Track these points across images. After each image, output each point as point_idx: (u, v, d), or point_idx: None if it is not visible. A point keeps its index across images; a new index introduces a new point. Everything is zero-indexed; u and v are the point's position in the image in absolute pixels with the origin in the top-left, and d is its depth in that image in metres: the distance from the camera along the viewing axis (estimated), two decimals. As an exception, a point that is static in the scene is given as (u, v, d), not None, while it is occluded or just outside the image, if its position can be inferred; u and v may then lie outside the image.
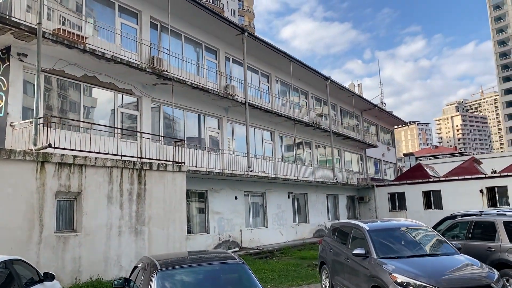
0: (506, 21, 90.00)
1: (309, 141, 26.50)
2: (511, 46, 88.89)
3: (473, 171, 31.25)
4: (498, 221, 8.43)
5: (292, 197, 23.44)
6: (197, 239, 16.67)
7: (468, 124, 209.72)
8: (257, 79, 22.57)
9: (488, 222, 8.75)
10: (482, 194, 27.08)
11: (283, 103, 24.17)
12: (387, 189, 30.63)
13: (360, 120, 33.61)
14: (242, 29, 18.96)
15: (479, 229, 8.90)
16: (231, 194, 18.88)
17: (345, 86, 28.66)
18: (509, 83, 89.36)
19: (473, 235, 8.95)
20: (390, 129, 40.71)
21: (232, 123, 20.11)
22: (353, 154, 32.26)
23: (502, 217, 8.52)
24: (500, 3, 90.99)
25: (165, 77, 14.90)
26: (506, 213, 8.97)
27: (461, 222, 9.70)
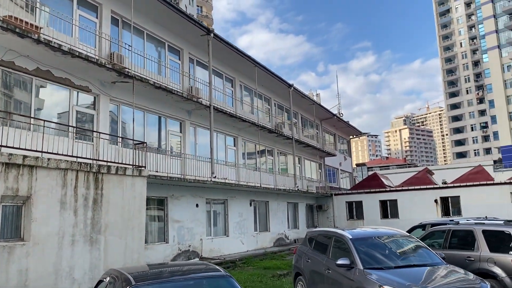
0: (452, 40, 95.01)
1: (271, 148, 26.12)
2: (457, 63, 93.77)
3: (427, 182, 32.14)
4: (477, 230, 8.29)
5: (254, 205, 22.88)
6: (155, 249, 15.67)
7: (415, 137, 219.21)
8: (221, 83, 21.93)
9: (466, 231, 8.59)
10: (437, 204, 27.79)
11: (247, 109, 23.65)
12: (345, 198, 30.79)
13: (320, 129, 33.74)
14: (208, 30, 18.29)
15: (457, 238, 8.73)
16: (192, 201, 18.02)
17: (306, 95, 28.64)
18: (455, 99, 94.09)
19: (451, 244, 8.77)
20: (346, 139, 41.29)
21: (195, 127, 19.30)
22: (312, 163, 32.26)
23: (480, 226, 8.39)
24: (448, 22, 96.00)
25: (126, 74, 13.92)
26: (484, 222, 8.86)
27: (437, 231, 9.52)
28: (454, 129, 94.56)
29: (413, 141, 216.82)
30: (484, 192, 26.67)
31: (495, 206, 25.20)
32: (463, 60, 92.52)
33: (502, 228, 7.90)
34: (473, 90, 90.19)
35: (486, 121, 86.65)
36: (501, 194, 26.02)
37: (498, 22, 79.51)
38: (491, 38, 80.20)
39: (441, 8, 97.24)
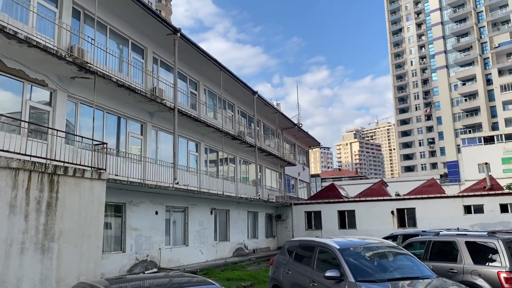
0: (403, 58, 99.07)
1: (234, 155, 25.52)
2: (407, 81, 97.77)
3: (382, 193, 32.71)
4: (459, 241, 8.13)
5: (215, 213, 22.12)
6: (111, 259, 14.55)
7: (364, 151, 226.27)
8: (185, 86, 21.13)
9: (448, 242, 8.42)
10: (393, 215, 28.26)
11: (210, 114, 22.95)
12: (305, 208, 30.69)
13: (281, 138, 33.58)
14: (174, 29, 17.52)
15: (438, 249, 8.54)
16: (152, 208, 17.03)
17: (270, 103, 28.38)
18: (404, 115, 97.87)
19: (432, 255, 8.56)
20: (305, 149, 41.47)
21: (157, 130, 18.37)
22: (273, 172, 31.97)
23: (463, 237, 8.24)
24: (400, 41, 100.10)
25: (87, 69, 12.90)
26: (466, 233, 8.74)
27: (417, 241, 9.32)
28: (403, 144, 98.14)
29: (362, 154, 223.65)
30: (438, 205, 27.46)
31: (449, 218, 25.94)
32: (413, 78, 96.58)
33: (486, 239, 7.78)
34: (422, 107, 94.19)
35: (433, 137, 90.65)
36: (454, 207, 26.87)
37: (447, 43, 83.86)
38: (440, 58, 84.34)
39: (394, 27, 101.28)
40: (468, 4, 79.61)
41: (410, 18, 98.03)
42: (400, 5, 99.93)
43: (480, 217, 25.77)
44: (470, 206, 26.65)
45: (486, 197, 26.45)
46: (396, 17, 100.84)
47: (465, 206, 26.76)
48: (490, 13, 76.27)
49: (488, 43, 76.14)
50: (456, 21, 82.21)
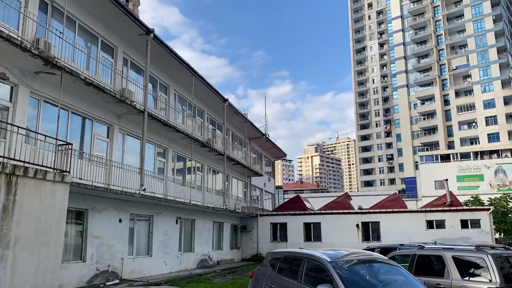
0: (366, 76, 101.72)
1: (202, 163, 24.82)
2: (368, 98, 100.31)
3: (346, 206, 32.88)
4: (446, 255, 7.94)
5: (180, 223, 21.29)
6: (70, 269, 13.50)
7: (325, 164, 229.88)
8: (155, 90, 20.35)
9: (434, 256, 8.22)
10: (358, 228, 28.36)
11: (180, 120, 22.23)
12: (270, 219, 30.30)
13: (248, 148, 33.16)
14: (148, 30, 16.84)
15: (424, 264, 8.32)
16: (115, 216, 16.08)
17: (240, 111, 27.96)
18: (365, 131, 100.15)
19: (417, 270, 8.33)
20: (271, 160, 41.25)
21: (124, 133, 17.48)
22: (239, 181, 31.43)
23: (450, 251, 8.06)
24: (363, 59, 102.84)
25: (54, 64, 12.01)
26: (453, 247, 8.57)
27: (400, 255, 9.08)
28: (363, 159, 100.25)
29: (323, 168, 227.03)
30: (402, 219, 27.82)
31: (412, 232, 26.25)
32: (374, 95, 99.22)
33: (475, 254, 7.62)
34: (382, 124, 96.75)
35: (392, 153, 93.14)
36: (417, 222, 27.29)
37: (408, 63, 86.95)
38: (401, 78, 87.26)
39: (357, 45, 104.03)
40: (429, 27, 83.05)
41: (373, 38, 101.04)
42: (364, 24, 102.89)
43: (442, 232, 26.28)
44: (432, 221, 27.17)
45: (448, 213, 27.06)
46: (360, 36, 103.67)
47: (427, 221, 27.25)
48: (449, 36, 79.85)
49: (446, 65, 79.53)
50: (417, 42, 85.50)
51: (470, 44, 76.24)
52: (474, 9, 76.40)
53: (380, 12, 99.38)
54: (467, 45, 76.89)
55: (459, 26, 78.53)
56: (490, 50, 73.33)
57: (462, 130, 75.67)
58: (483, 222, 25.96)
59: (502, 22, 74.01)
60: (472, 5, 76.64)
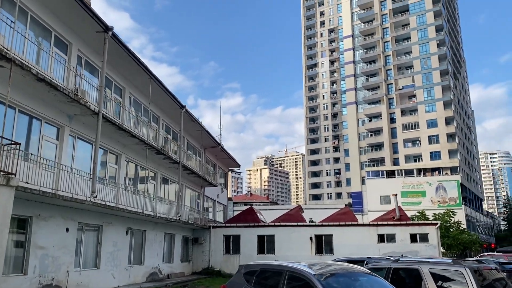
0: (317, 91, 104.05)
1: (155, 171, 23.78)
2: (318, 113, 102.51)
3: (299, 219, 32.89)
4: (423, 268, 7.78)
5: (131, 234, 20.13)
6: (9, 283, 12.15)
7: (273, 177, 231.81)
8: (109, 91, 19.26)
9: (410, 270, 8.04)
10: (312, 241, 28.32)
11: (135, 125, 21.17)
12: (223, 231, 29.58)
13: (203, 157, 32.38)
14: (106, 27, 15.88)
15: (399, 277, 8.12)
16: (63, 224, 14.83)
17: (197, 119, 27.23)
18: (314, 145, 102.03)
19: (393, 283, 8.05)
20: (225, 171, 40.63)
21: (75, 136, 16.28)
22: (193, 192, 30.52)
23: (427, 264, 7.91)
24: (314, 75, 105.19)
25: (3, 56, 10.87)
26: (429, 260, 8.45)
27: (375, 268, 8.84)
28: (312, 173, 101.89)
29: (271, 180, 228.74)
30: (355, 232, 28.13)
31: (364, 246, 26.62)
32: (324, 111, 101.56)
33: (452, 267, 7.52)
34: (331, 139, 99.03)
35: (340, 168, 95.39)
36: (369, 235, 27.69)
37: (358, 81, 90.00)
38: (351, 95, 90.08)
39: (309, 61, 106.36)
40: (378, 47, 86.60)
41: (324, 55, 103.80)
42: (316, 41, 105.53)
43: (393, 246, 26.78)
44: (383, 235, 27.67)
45: (398, 227, 27.70)
46: (312, 52, 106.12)
47: (379, 234, 27.72)
48: (397, 57, 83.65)
49: (393, 85, 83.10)
50: (367, 61, 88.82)
51: (415, 65, 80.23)
52: (420, 32, 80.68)
53: (332, 31, 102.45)
54: (413, 66, 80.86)
55: (406, 48, 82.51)
56: (434, 72, 77.54)
57: (407, 147, 78.99)
58: (431, 237, 26.79)
59: (445, 47, 78.67)
60: (419, 28, 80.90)
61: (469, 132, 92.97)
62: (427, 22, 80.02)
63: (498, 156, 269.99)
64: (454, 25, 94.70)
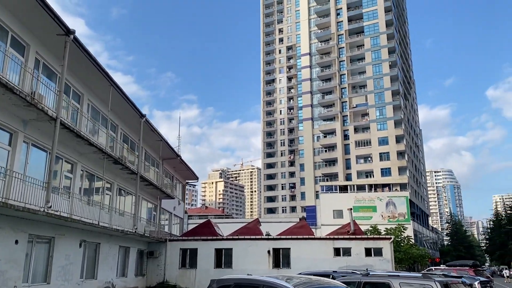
0: (274, 107, 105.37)
1: (112, 182, 22.94)
2: (275, 128, 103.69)
3: (257, 232, 32.85)
4: (393, 283, 7.92)
5: (84, 246, 19.21)
6: (-51, 300, 11.18)
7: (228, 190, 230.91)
8: (68, 97, 18.46)
9: (381, 284, 8.15)
10: (269, 255, 28.27)
11: (92, 132, 20.37)
12: (180, 245, 28.93)
13: (160, 168, 31.67)
14: (68, 30, 15.28)
15: (369, 291, 8.22)
16: (12, 236, 13.90)
17: (157, 129, 26.64)
18: (271, 159, 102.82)
19: (362, 297, 8.19)
20: (183, 183, 39.94)
21: (30, 142, 15.42)
22: (149, 203, 29.69)
23: (397, 278, 8.06)
24: (272, 90, 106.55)
25: (-45, 53, 10.16)
26: (399, 274, 8.59)
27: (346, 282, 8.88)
28: (267, 187, 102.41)
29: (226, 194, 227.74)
30: (311, 246, 28.38)
31: (320, 259, 26.90)
32: (281, 126, 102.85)
33: (422, 281, 7.69)
34: (287, 153, 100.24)
35: (295, 182, 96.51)
36: (325, 249, 28.01)
37: (314, 98, 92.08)
38: (307, 111, 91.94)
39: (268, 77, 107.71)
40: (334, 66, 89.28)
41: (282, 71, 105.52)
42: (275, 58, 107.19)
43: (348, 260, 27.22)
44: (339, 248, 28.09)
45: (354, 241, 28.25)
46: (270, 68, 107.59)
47: (335, 248, 28.11)
48: (351, 77, 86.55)
49: (348, 103, 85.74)
50: (323, 79, 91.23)
51: (369, 85, 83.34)
52: (373, 53, 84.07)
53: (290, 48, 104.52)
54: (367, 86, 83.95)
55: (360, 68, 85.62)
56: (386, 92, 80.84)
57: (359, 163, 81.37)
58: (385, 251, 27.50)
59: (397, 68, 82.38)
60: (372, 50, 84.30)
61: (417, 151, 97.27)
62: (381, 44, 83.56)
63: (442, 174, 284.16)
64: (405, 48, 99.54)
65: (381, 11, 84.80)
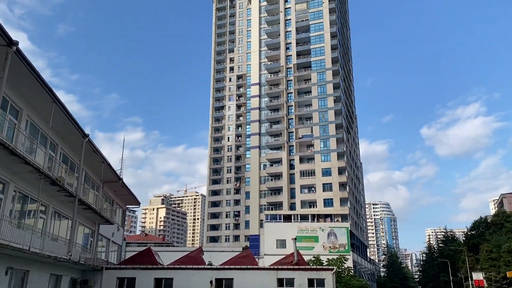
0: (222, 133, 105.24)
1: (47, 204, 21.43)
2: (222, 154, 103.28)
3: (199, 261, 31.99)
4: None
5: (11, 274, 17.60)
6: None
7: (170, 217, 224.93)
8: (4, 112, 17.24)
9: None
10: (212, 285, 27.50)
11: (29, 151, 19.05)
12: (118, 273, 27.51)
13: (100, 192, 30.18)
14: (10, 41, 14.40)
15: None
16: None
17: (99, 150, 25.46)
18: (216, 186, 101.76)
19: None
20: (123, 208, 38.28)
21: (-44, 158, 14.11)
22: (86, 229, 28.03)
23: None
24: (220, 117, 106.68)
25: None
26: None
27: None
28: (212, 214, 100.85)
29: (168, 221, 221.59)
30: (255, 276, 28.04)
31: (264, 290, 26.57)
32: (228, 153, 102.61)
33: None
34: (233, 181, 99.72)
35: (240, 210, 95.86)
36: (269, 279, 27.79)
37: (262, 127, 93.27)
38: (255, 139, 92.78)
39: (217, 103, 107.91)
40: (282, 97, 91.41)
41: (232, 99, 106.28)
42: (225, 85, 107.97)
43: (291, 290, 27.10)
44: (283, 279, 27.96)
45: (297, 271, 28.25)
46: (220, 95, 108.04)
47: (278, 279, 27.95)
48: (298, 108, 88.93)
49: (294, 133, 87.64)
50: (271, 109, 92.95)
51: (314, 117, 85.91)
52: (320, 88, 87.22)
53: (240, 77, 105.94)
54: (312, 118, 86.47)
55: (307, 101, 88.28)
56: (330, 125, 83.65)
57: (303, 193, 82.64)
58: (327, 282, 27.70)
59: (341, 103, 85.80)
60: (319, 84, 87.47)
61: (358, 183, 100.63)
62: (326, 79, 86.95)
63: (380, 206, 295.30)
64: (349, 85, 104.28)
65: (328, 48, 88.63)
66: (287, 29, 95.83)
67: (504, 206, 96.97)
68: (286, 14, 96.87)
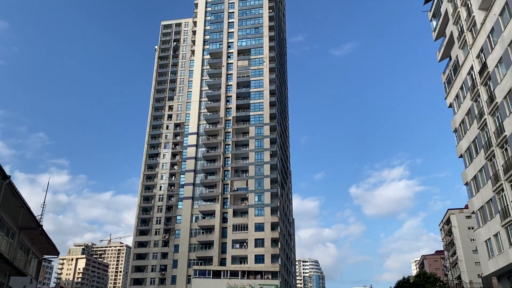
0: (154, 181, 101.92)
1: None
2: (153, 204, 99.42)
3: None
4: None
5: None
6: None
7: (90, 269, 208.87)
8: None
9: None
10: None
11: None
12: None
13: (15, 239, 27.24)
14: None
15: None
16: None
17: (20, 194, 23.23)
18: (144, 237, 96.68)
19: None
20: (39, 257, 34.74)
21: None
22: (-7, 281, 24.83)
23: None
24: (154, 165, 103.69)
25: None
26: None
27: None
28: (136, 267, 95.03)
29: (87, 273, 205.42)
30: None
31: None
32: (159, 202, 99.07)
33: None
34: (162, 232, 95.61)
35: (167, 264, 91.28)
36: None
37: (197, 177, 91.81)
38: (188, 189, 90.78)
39: (151, 150, 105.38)
40: (219, 148, 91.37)
41: (168, 147, 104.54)
42: (161, 132, 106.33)
43: None
44: None
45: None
46: (155, 142, 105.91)
47: None
48: (235, 161, 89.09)
49: (229, 185, 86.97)
50: (208, 160, 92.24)
51: (250, 171, 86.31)
52: (257, 142, 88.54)
53: (178, 125, 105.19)
54: (248, 171, 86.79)
55: (243, 154, 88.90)
56: (265, 179, 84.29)
57: (235, 248, 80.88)
58: None
59: (277, 158, 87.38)
60: (256, 138, 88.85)
61: (289, 239, 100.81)
62: (264, 134, 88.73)
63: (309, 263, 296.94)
64: (285, 141, 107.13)
65: (267, 105, 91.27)
66: (228, 82, 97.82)
67: (425, 267, 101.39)
68: (228, 69, 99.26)
